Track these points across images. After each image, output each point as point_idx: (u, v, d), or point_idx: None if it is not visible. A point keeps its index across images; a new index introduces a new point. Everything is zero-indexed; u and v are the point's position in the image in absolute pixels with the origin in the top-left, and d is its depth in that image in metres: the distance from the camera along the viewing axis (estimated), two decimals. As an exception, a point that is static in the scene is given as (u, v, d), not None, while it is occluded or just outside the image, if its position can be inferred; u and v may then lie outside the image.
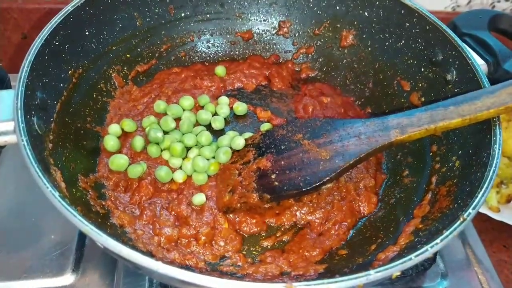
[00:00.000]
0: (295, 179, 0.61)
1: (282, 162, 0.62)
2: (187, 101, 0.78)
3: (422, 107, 0.59)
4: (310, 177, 0.60)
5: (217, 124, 0.77)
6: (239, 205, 0.63)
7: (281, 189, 0.61)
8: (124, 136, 0.73)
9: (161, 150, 0.72)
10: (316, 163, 0.60)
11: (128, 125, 0.73)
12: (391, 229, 0.63)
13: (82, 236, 0.71)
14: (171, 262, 0.58)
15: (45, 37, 0.62)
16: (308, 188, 0.60)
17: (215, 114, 0.79)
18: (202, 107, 0.79)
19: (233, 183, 0.65)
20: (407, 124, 0.58)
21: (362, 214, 0.68)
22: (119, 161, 0.67)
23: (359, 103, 0.83)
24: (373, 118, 0.62)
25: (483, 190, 0.51)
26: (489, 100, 0.55)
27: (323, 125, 0.63)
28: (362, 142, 0.59)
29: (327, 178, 0.59)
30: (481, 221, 0.83)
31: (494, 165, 0.54)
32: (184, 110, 0.78)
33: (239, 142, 0.70)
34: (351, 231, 0.66)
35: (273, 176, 0.62)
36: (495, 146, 0.56)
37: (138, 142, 0.71)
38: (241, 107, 0.80)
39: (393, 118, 0.59)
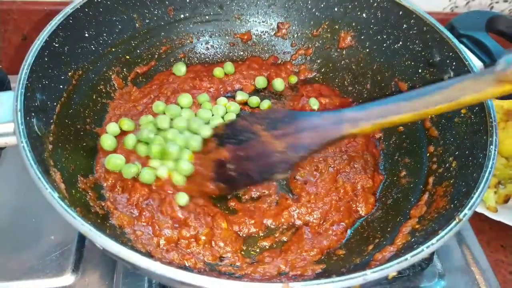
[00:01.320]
0: (250, 171, 0.62)
1: (241, 153, 0.63)
2: (185, 98, 0.78)
3: (376, 101, 0.58)
4: (265, 168, 0.62)
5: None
6: (196, 193, 0.66)
7: (237, 180, 0.64)
8: (123, 135, 0.73)
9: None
10: (270, 155, 0.61)
11: (127, 124, 0.73)
12: (388, 229, 0.63)
13: (82, 237, 0.71)
14: (170, 263, 0.58)
15: (44, 39, 0.62)
16: (262, 179, 0.63)
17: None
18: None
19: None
20: (359, 118, 0.58)
21: (360, 215, 0.68)
22: (115, 161, 0.68)
23: (357, 104, 0.84)
24: (330, 112, 0.63)
25: (479, 190, 0.52)
26: (440, 96, 0.53)
27: (283, 117, 0.64)
28: (316, 135, 0.60)
29: (280, 170, 0.61)
30: (479, 221, 0.83)
31: (490, 166, 0.54)
32: (182, 108, 0.78)
33: (206, 132, 0.72)
34: (349, 231, 0.67)
35: (230, 167, 0.63)
36: (491, 147, 0.57)
37: (130, 140, 0.71)
38: (233, 107, 0.80)
39: (348, 112, 0.60)
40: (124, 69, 0.80)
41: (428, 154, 0.69)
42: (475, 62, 0.68)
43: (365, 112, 0.58)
